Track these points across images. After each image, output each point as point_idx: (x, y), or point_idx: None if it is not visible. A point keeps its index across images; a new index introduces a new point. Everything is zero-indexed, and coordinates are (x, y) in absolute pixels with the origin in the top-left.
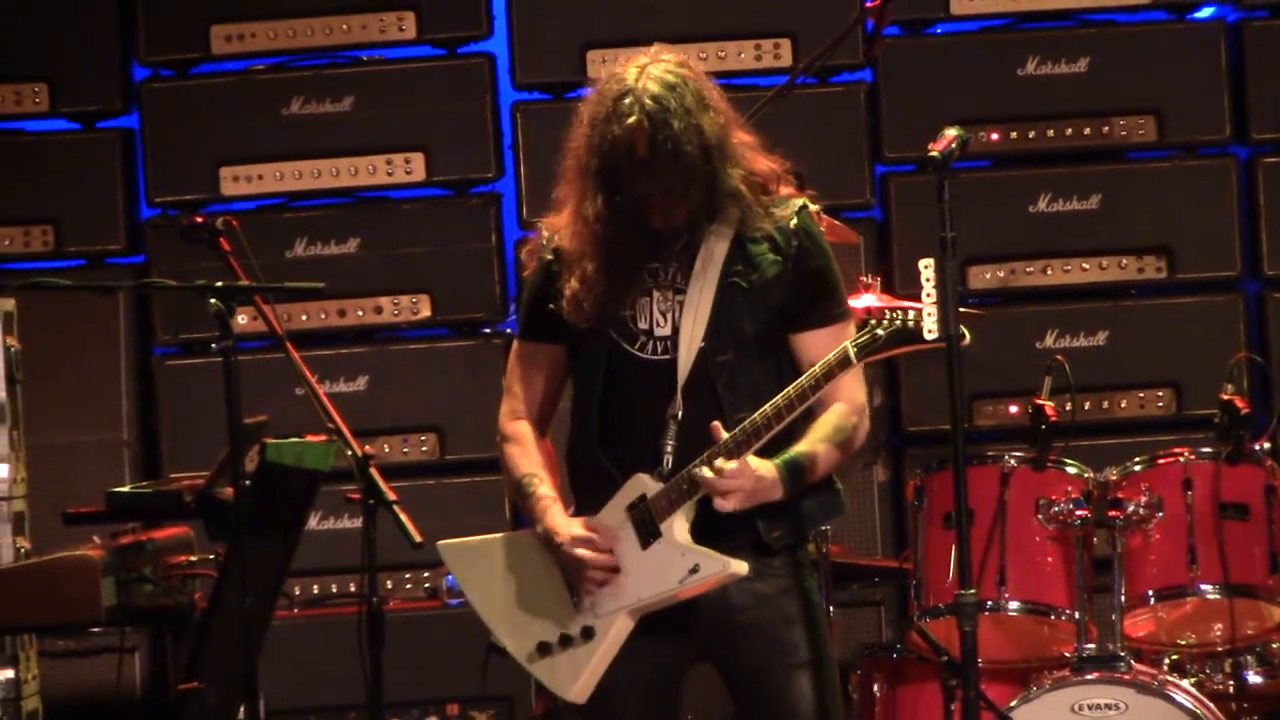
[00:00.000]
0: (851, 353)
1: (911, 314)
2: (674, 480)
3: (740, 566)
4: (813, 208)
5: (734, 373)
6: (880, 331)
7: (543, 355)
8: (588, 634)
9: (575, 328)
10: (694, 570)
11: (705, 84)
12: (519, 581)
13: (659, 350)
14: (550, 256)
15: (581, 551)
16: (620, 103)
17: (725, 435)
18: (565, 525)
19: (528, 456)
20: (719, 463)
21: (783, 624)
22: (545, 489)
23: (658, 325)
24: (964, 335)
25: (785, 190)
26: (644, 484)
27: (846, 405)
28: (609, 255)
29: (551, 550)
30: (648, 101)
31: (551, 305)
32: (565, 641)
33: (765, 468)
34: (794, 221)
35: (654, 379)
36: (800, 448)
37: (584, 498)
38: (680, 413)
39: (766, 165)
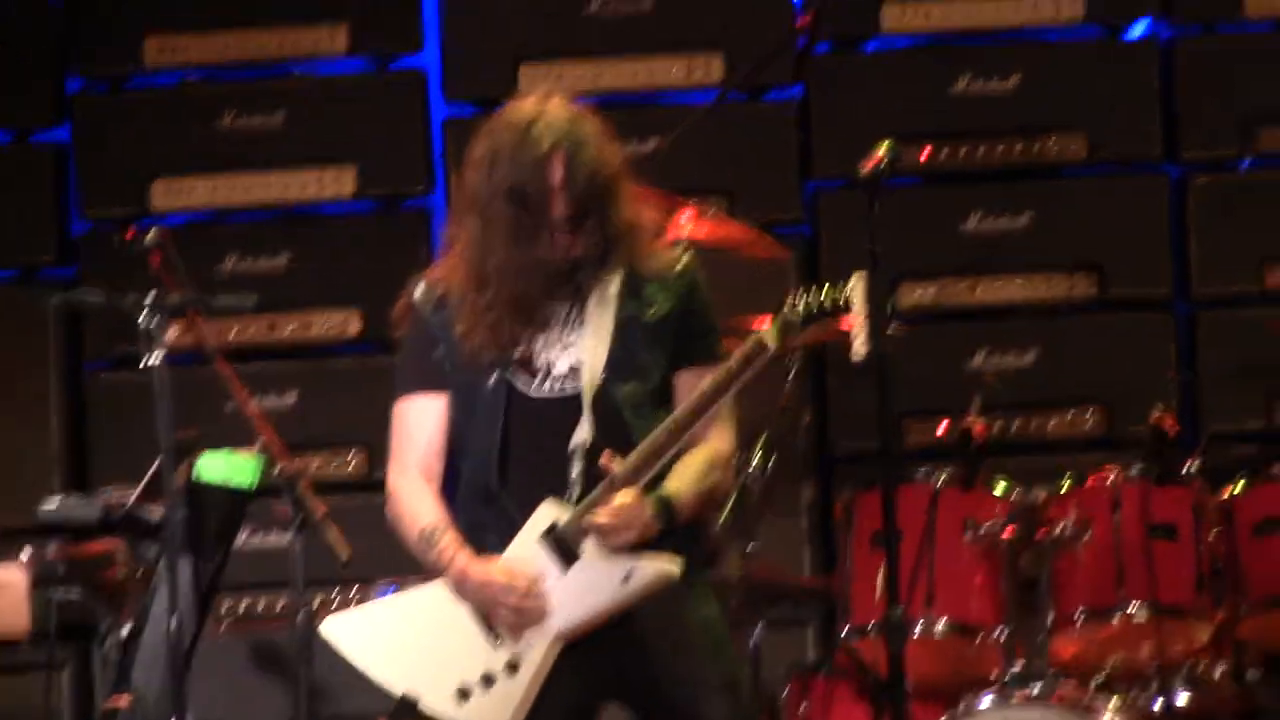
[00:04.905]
0: (768, 337)
1: (824, 292)
2: (585, 502)
3: (674, 566)
4: (692, 254)
5: (639, 402)
6: (794, 314)
7: (430, 408)
8: (512, 668)
9: (466, 373)
10: (627, 578)
11: (602, 122)
12: (424, 634)
13: (558, 389)
14: (430, 309)
15: (515, 601)
16: (531, 130)
17: (617, 467)
18: (481, 569)
19: (424, 508)
20: (617, 499)
21: (693, 650)
22: (450, 537)
23: (557, 363)
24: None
25: (666, 238)
26: (554, 511)
27: (713, 449)
28: (508, 290)
29: (463, 595)
30: (560, 127)
31: (436, 354)
32: (488, 681)
33: (646, 505)
34: (682, 263)
35: (555, 416)
36: (671, 488)
37: (477, 540)
38: (588, 441)
39: (651, 214)
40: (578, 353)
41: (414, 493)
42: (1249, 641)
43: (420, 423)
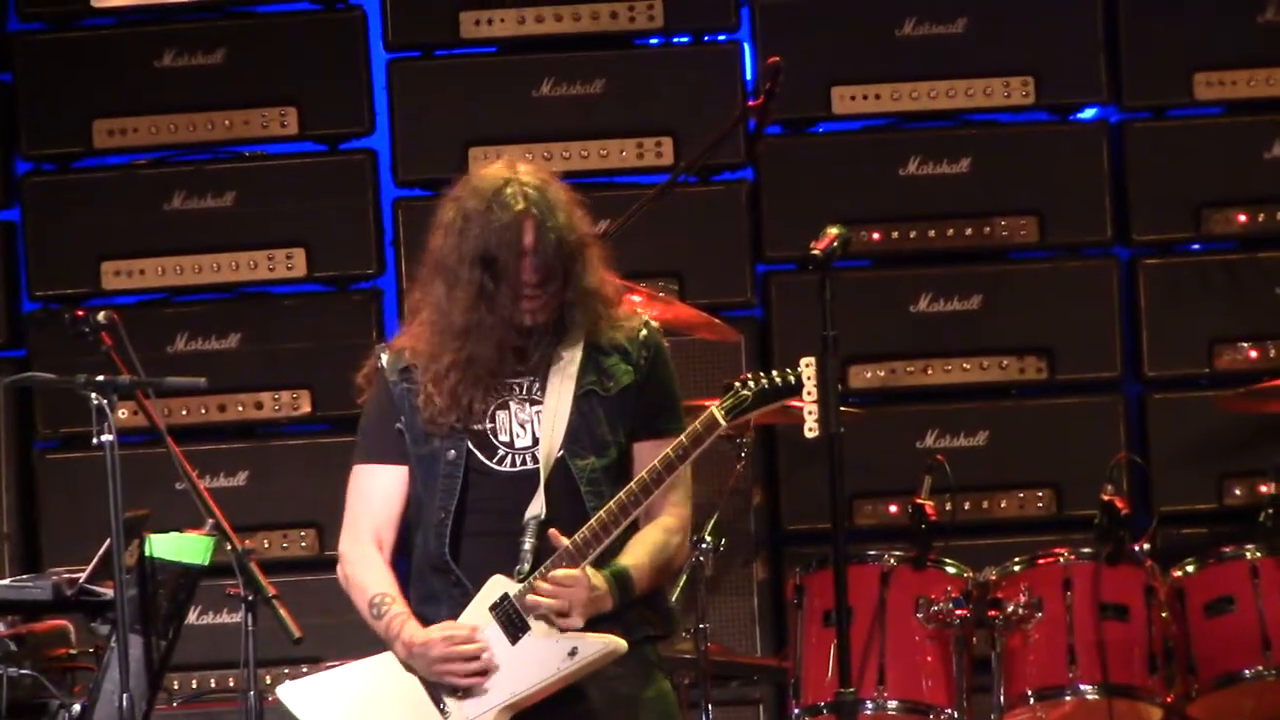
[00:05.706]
0: (719, 415)
1: (775, 372)
2: (535, 576)
3: (620, 644)
4: (655, 324)
5: (595, 477)
6: (746, 392)
7: (387, 478)
8: None
9: (425, 444)
10: (573, 653)
11: (568, 189)
12: (375, 703)
13: (519, 462)
14: (396, 376)
15: (452, 648)
16: (502, 193)
17: (566, 541)
18: (426, 631)
19: (375, 577)
20: (555, 572)
21: None
22: (399, 606)
23: (518, 437)
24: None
25: (626, 308)
26: (504, 584)
27: (669, 522)
28: (467, 352)
29: (412, 664)
30: (531, 192)
31: (398, 425)
32: None
33: (596, 578)
34: (644, 333)
35: (514, 490)
36: (625, 561)
37: (429, 610)
38: (541, 515)
39: (614, 283)
40: (536, 427)
41: (364, 560)
42: None
43: (375, 491)
